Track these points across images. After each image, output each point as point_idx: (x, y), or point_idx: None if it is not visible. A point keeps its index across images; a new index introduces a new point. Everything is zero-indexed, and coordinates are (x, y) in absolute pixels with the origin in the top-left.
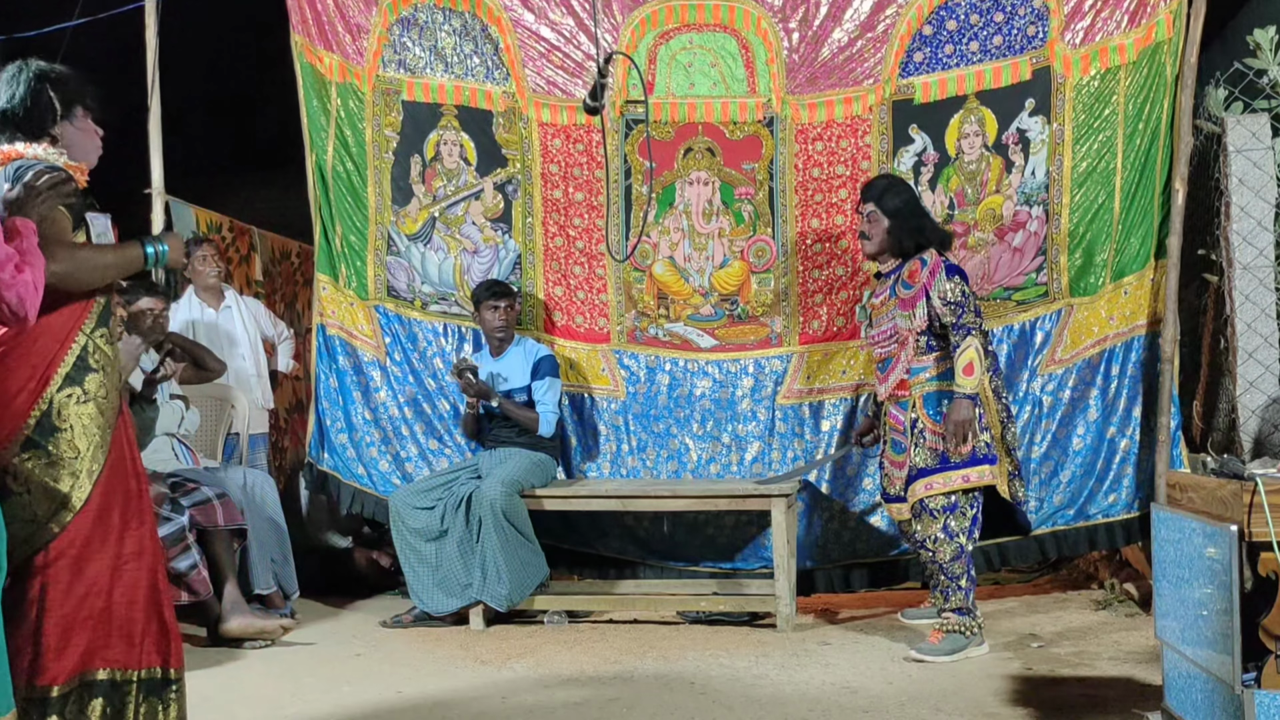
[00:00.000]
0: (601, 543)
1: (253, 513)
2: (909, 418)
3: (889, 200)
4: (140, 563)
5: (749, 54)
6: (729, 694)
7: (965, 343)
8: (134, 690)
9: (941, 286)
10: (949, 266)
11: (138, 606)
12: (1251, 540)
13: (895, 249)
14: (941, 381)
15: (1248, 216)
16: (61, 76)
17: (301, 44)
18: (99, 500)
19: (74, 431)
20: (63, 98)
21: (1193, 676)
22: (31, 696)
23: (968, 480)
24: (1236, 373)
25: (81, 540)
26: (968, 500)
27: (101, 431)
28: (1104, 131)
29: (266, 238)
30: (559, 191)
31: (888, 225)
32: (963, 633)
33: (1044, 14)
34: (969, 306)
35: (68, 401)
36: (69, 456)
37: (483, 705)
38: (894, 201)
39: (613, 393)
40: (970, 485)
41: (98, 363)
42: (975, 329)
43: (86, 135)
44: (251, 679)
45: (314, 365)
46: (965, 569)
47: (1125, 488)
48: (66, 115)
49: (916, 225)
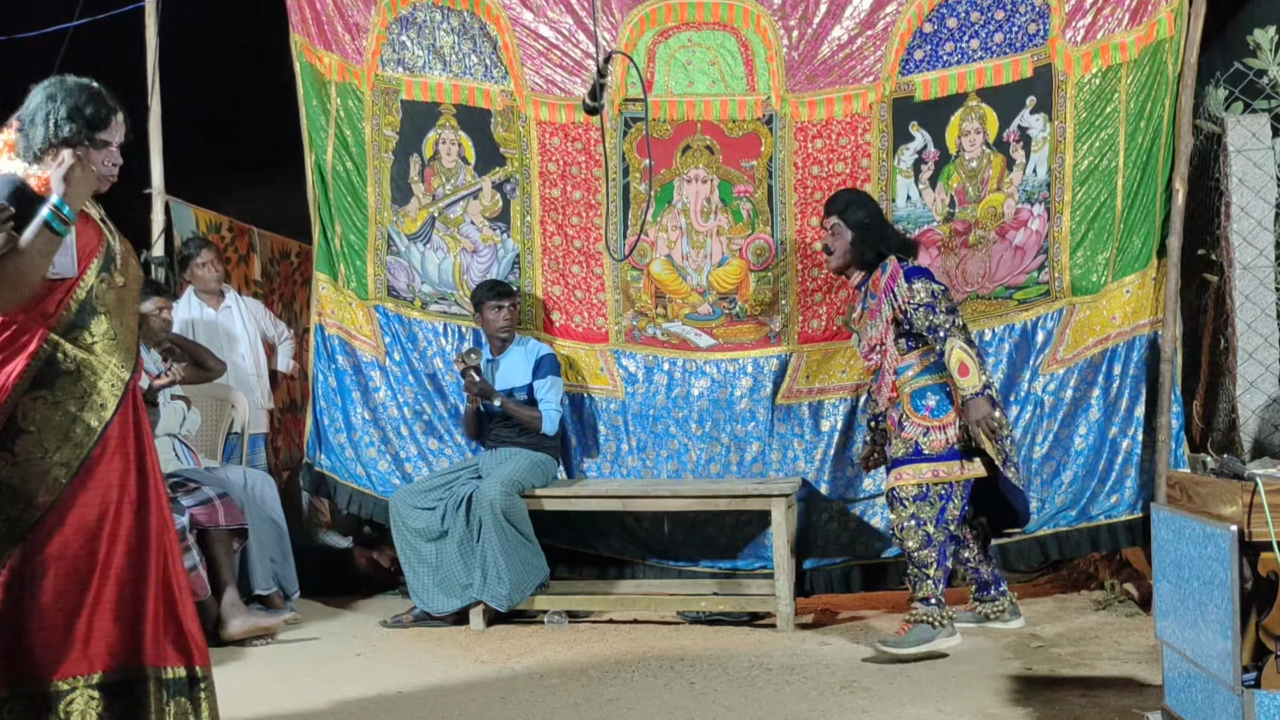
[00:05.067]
0: (601, 543)
1: (253, 512)
2: (900, 416)
3: (853, 214)
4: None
5: (748, 52)
6: (729, 694)
7: (948, 347)
8: (152, 691)
9: (903, 292)
10: (909, 270)
11: (142, 605)
12: (1251, 540)
13: (859, 261)
14: (927, 376)
15: (1248, 216)
16: (71, 106)
17: (301, 43)
18: (78, 499)
19: (41, 434)
20: (59, 132)
21: (1193, 676)
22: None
23: (937, 475)
24: (1236, 373)
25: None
26: (938, 491)
27: (81, 432)
28: (1105, 130)
29: (266, 237)
30: (557, 190)
31: (851, 238)
32: (930, 623)
33: (1045, 11)
34: (939, 307)
35: (34, 405)
36: (35, 457)
37: (483, 705)
38: (858, 215)
39: (611, 392)
40: (940, 479)
41: (71, 365)
42: (951, 328)
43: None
44: (251, 678)
45: (312, 365)
46: (935, 559)
47: (1128, 488)
48: (69, 144)
49: (879, 237)
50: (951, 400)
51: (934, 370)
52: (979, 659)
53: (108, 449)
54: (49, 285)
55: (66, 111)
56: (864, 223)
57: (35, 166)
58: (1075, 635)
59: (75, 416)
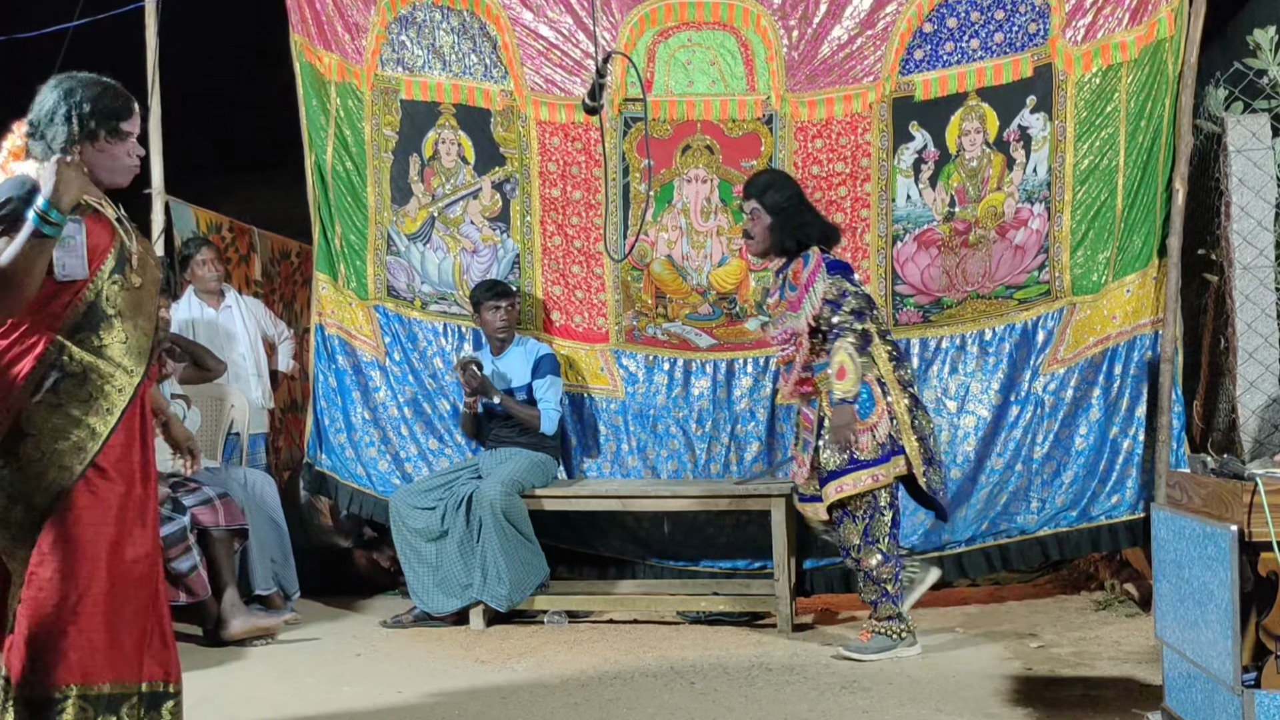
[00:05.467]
0: (601, 543)
1: (253, 512)
2: (819, 415)
3: (771, 197)
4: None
5: (748, 52)
6: (729, 694)
7: (836, 346)
8: (136, 704)
9: (820, 285)
10: (830, 263)
11: (138, 616)
12: (1251, 540)
13: (778, 247)
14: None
15: (1248, 216)
16: (90, 98)
17: (301, 44)
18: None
19: (42, 437)
20: (81, 122)
21: (1193, 676)
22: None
23: (876, 479)
24: (1236, 373)
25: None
26: (887, 500)
27: (84, 436)
28: (1106, 129)
29: (266, 238)
30: (557, 190)
31: (769, 223)
32: (888, 635)
33: (1045, 11)
34: (846, 305)
35: (37, 408)
36: (33, 459)
37: (483, 705)
38: (776, 198)
39: (611, 392)
40: (880, 483)
41: (76, 368)
42: (848, 329)
43: (109, 158)
44: (252, 679)
45: (312, 365)
46: (892, 574)
47: (1129, 489)
48: (87, 137)
49: (800, 221)
50: (874, 400)
51: None
52: (979, 659)
53: (112, 454)
54: (58, 287)
55: (89, 105)
56: (783, 206)
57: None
58: (1075, 635)
59: (79, 420)
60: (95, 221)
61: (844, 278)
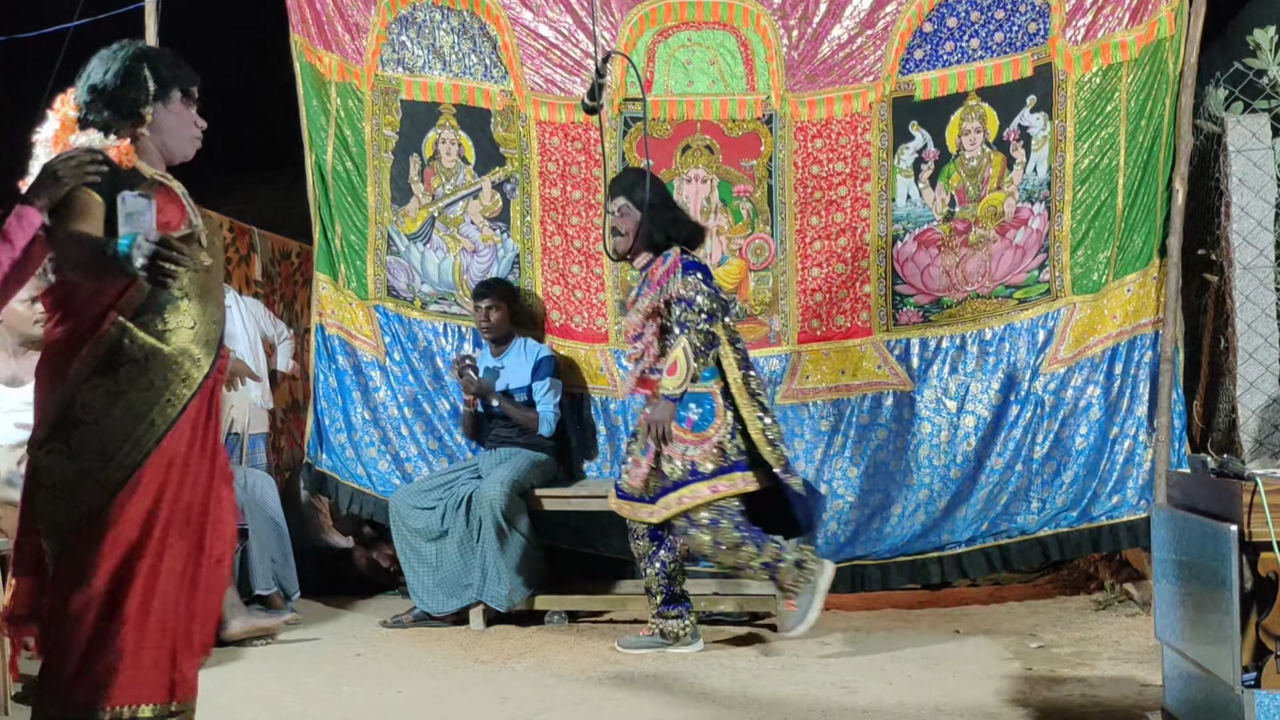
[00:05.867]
0: (601, 543)
1: (253, 513)
2: None
3: (639, 194)
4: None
5: (748, 51)
6: (729, 694)
7: (676, 341)
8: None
9: (675, 285)
10: (688, 264)
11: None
12: (1251, 540)
13: (648, 243)
14: (690, 384)
15: (1248, 216)
16: (163, 57)
17: (301, 44)
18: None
19: (99, 426)
20: (158, 78)
21: (1193, 676)
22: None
23: (715, 491)
24: (1236, 373)
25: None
26: (732, 511)
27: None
28: (1106, 128)
29: (266, 238)
30: (557, 190)
31: (638, 219)
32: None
33: (1045, 11)
34: (696, 305)
35: (95, 393)
36: (90, 451)
37: (482, 705)
38: (644, 195)
39: (611, 392)
40: (719, 495)
41: (138, 353)
42: (693, 328)
43: (182, 121)
44: (252, 679)
45: (313, 365)
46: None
47: (1129, 489)
48: (161, 97)
49: (669, 218)
50: (715, 412)
51: (702, 377)
52: (979, 659)
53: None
54: None
55: (166, 68)
56: (652, 204)
57: (112, 138)
58: (1075, 635)
59: (137, 412)
60: (165, 197)
61: (701, 279)
